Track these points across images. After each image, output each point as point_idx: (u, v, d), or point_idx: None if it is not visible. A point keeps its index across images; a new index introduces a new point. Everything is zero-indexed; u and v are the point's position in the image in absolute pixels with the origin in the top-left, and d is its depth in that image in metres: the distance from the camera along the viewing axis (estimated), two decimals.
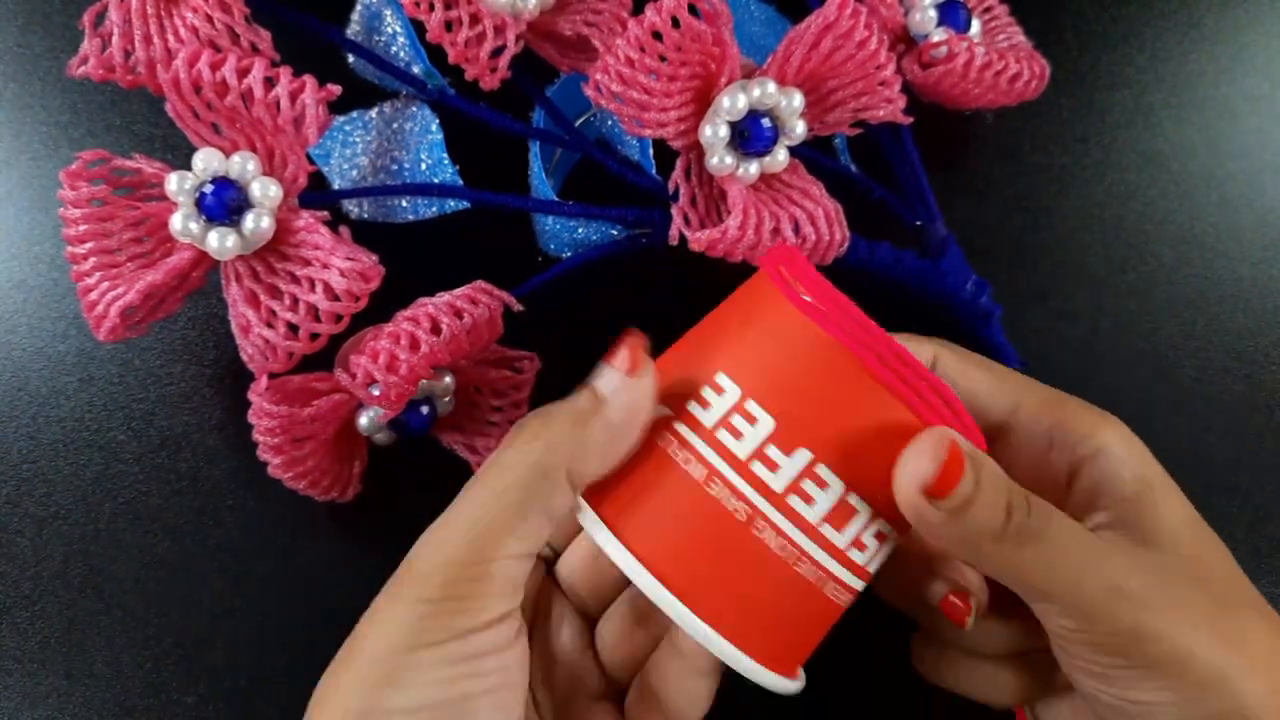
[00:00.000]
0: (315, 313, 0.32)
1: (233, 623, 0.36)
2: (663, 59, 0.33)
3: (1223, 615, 0.26)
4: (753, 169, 0.35)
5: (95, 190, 0.33)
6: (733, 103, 0.34)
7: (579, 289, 0.38)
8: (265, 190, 0.32)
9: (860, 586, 0.27)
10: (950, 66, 0.38)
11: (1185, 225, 0.43)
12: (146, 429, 0.38)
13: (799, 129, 0.35)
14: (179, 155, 0.33)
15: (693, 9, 0.32)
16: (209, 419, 0.38)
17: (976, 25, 0.40)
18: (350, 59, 0.40)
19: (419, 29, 0.36)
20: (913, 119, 0.37)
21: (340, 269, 0.32)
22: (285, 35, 0.35)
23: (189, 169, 0.32)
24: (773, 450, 0.25)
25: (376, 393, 0.32)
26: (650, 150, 0.39)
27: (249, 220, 0.32)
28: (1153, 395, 0.41)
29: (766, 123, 0.34)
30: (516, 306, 0.35)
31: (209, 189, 0.32)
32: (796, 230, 0.35)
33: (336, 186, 0.39)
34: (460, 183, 0.38)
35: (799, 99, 0.34)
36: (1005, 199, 0.43)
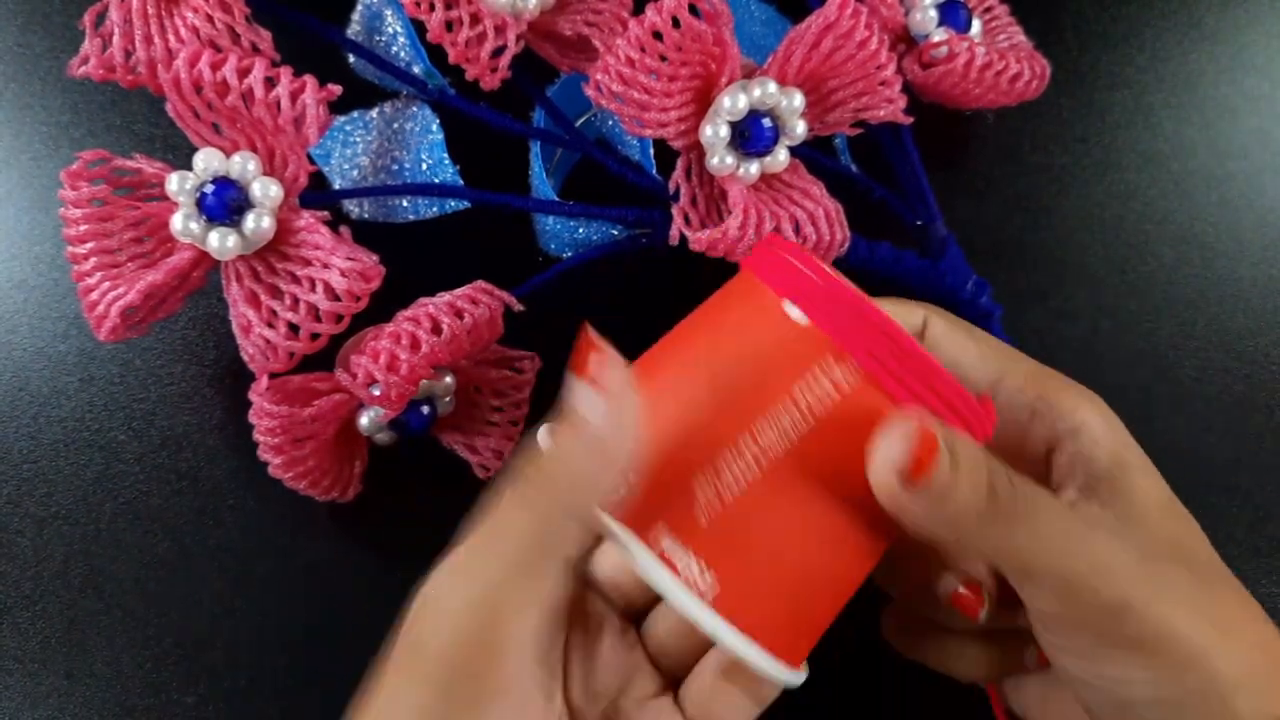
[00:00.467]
0: (316, 313, 0.32)
1: (233, 623, 0.36)
2: (663, 59, 0.33)
3: (1202, 593, 0.26)
4: (753, 169, 0.35)
5: (96, 190, 0.33)
6: (733, 103, 0.34)
7: (579, 289, 0.38)
8: (266, 190, 0.32)
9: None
10: (950, 66, 0.38)
11: (1185, 225, 0.43)
12: (147, 429, 0.38)
13: (799, 129, 0.35)
14: (179, 155, 0.33)
15: (693, 9, 0.32)
16: (209, 419, 0.38)
17: (977, 25, 0.40)
18: (351, 59, 0.40)
19: (419, 29, 0.36)
20: (913, 119, 0.37)
21: (341, 269, 0.32)
22: (286, 35, 0.35)
23: (189, 169, 0.32)
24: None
25: (377, 393, 0.32)
26: (650, 150, 0.39)
27: (250, 220, 0.32)
28: (1153, 395, 0.41)
29: (767, 123, 0.34)
30: (517, 306, 0.35)
31: (210, 189, 0.32)
32: (797, 230, 0.35)
33: (337, 186, 0.39)
34: (460, 183, 0.38)
35: (799, 99, 0.34)
36: (1005, 199, 0.43)
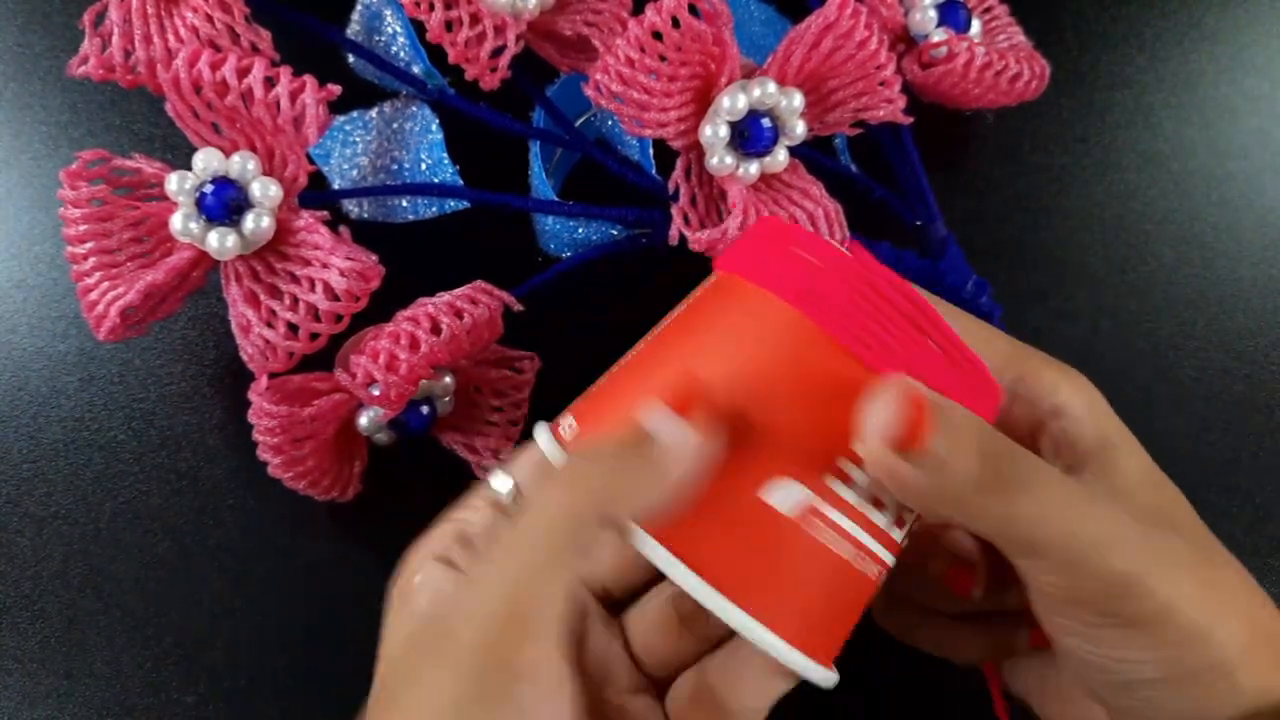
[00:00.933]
0: (315, 312, 0.32)
1: (233, 623, 0.36)
2: (663, 59, 0.33)
3: (1204, 566, 0.26)
4: (753, 169, 0.35)
5: (95, 190, 0.33)
6: (733, 103, 0.34)
7: (579, 289, 0.38)
8: (265, 190, 0.32)
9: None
10: (950, 66, 0.38)
11: (1185, 225, 0.43)
12: (146, 429, 0.38)
13: (799, 129, 0.35)
14: (179, 155, 0.33)
15: (693, 9, 0.32)
16: (209, 419, 0.38)
17: (976, 25, 0.40)
18: (350, 59, 0.40)
19: (419, 29, 0.36)
20: (913, 119, 0.37)
21: (340, 269, 0.32)
22: (285, 35, 0.35)
23: (189, 169, 0.32)
24: None
25: (376, 392, 0.32)
26: (650, 150, 0.39)
27: (249, 220, 0.32)
28: (1153, 395, 0.41)
29: (766, 123, 0.34)
30: (516, 306, 0.35)
31: (209, 189, 0.32)
32: None
33: (336, 186, 0.39)
34: (460, 183, 0.38)
35: (799, 99, 0.34)
36: (1005, 199, 0.43)
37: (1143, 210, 0.43)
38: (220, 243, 0.32)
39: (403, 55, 0.39)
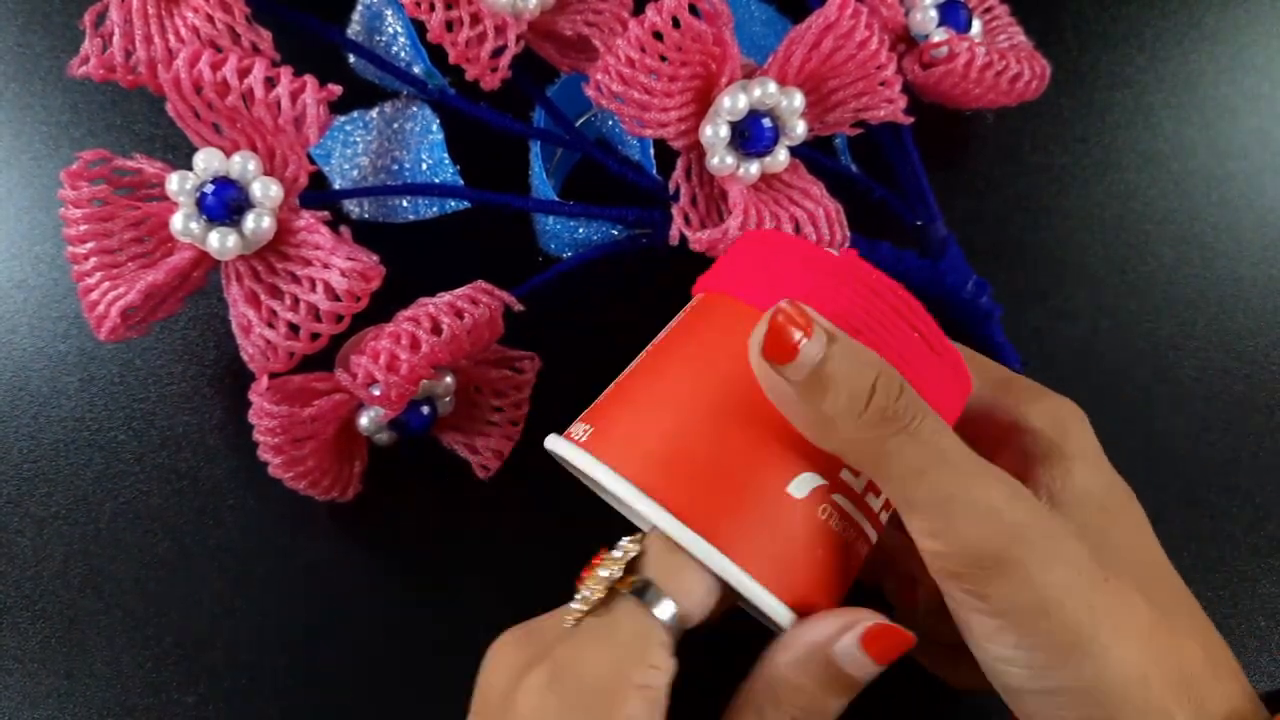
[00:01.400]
0: (316, 313, 0.32)
1: (233, 623, 0.36)
2: (663, 59, 0.33)
3: (1104, 582, 0.24)
4: (753, 169, 0.35)
5: (96, 190, 0.33)
6: (733, 103, 0.34)
7: (579, 289, 0.38)
8: (266, 190, 0.32)
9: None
10: (951, 66, 0.38)
11: (1185, 225, 0.43)
12: (147, 429, 0.38)
13: (799, 129, 0.35)
14: (179, 155, 0.33)
15: (693, 9, 0.32)
16: (209, 419, 0.38)
17: (977, 25, 0.40)
18: (351, 59, 0.40)
19: (419, 29, 0.36)
20: (913, 119, 0.37)
21: (341, 269, 0.32)
22: (286, 35, 0.35)
23: (190, 169, 0.32)
24: None
25: (377, 393, 0.32)
26: (650, 150, 0.39)
27: (250, 220, 0.32)
28: (1153, 395, 0.41)
29: (767, 123, 0.34)
30: (517, 306, 0.35)
31: (210, 189, 0.32)
32: (797, 230, 0.35)
33: (337, 186, 0.39)
34: (460, 183, 0.38)
35: (799, 99, 0.35)
36: (1005, 199, 0.43)
37: (1143, 210, 0.43)
38: (221, 243, 0.32)
39: (403, 55, 0.39)
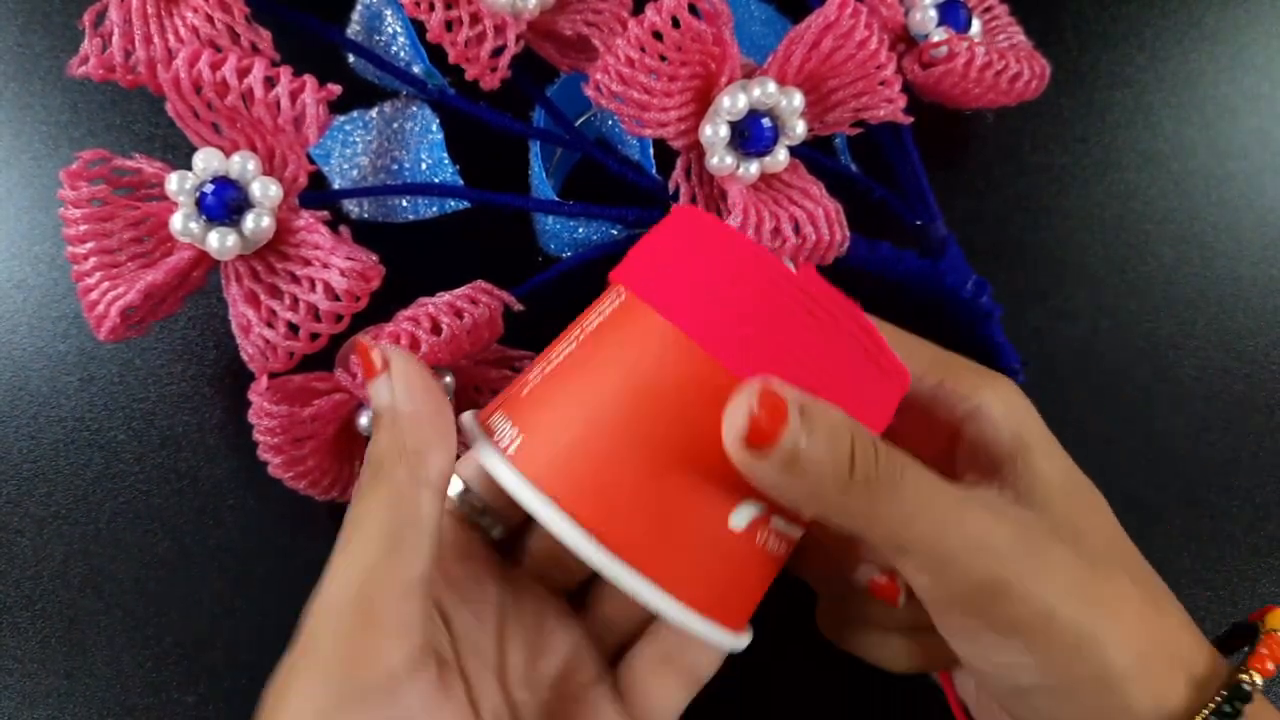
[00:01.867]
0: (315, 312, 0.32)
1: (233, 623, 0.36)
2: (663, 59, 0.33)
3: (1092, 577, 0.26)
4: (753, 169, 0.35)
5: (95, 190, 0.33)
6: (733, 102, 0.34)
7: (579, 289, 0.38)
8: (265, 190, 0.32)
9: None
10: (950, 66, 0.38)
11: (1185, 225, 0.43)
12: (147, 429, 0.38)
13: (799, 129, 0.35)
14: (179, 155, 0.33)
15: (693, 9, 0.32)
16: (209, 419, 0.38)
17: (977, 25, 0.40)
18: (350, 59, 0.40)
19: (419, 29, 0.36)
20: (913, 119, 0.37)
21: (340, 269, 0.32)
22: (285, 35, 0.35)
23: (189, 169, 0.32)
24: None
25: None
26: (650, 150, 0.39)
27: (249, 220, 0.32)
28: (1153, 395, 0.41)
29: (767, 122, 0.34)
30: (517, 306, 0.35)
31: (209, 189, 0.32)
32: (797, 230, 0.35)
33: (336, 186, 0.39)
34: (460, 182, 0.38)
35: (799, 99, 0.34)
36: (1005, 199, 0.43)
37: (1143, 210, 0.43)
38: (220, 243, 0.32)
39: (403, 55, 0.39)
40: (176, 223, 0.32)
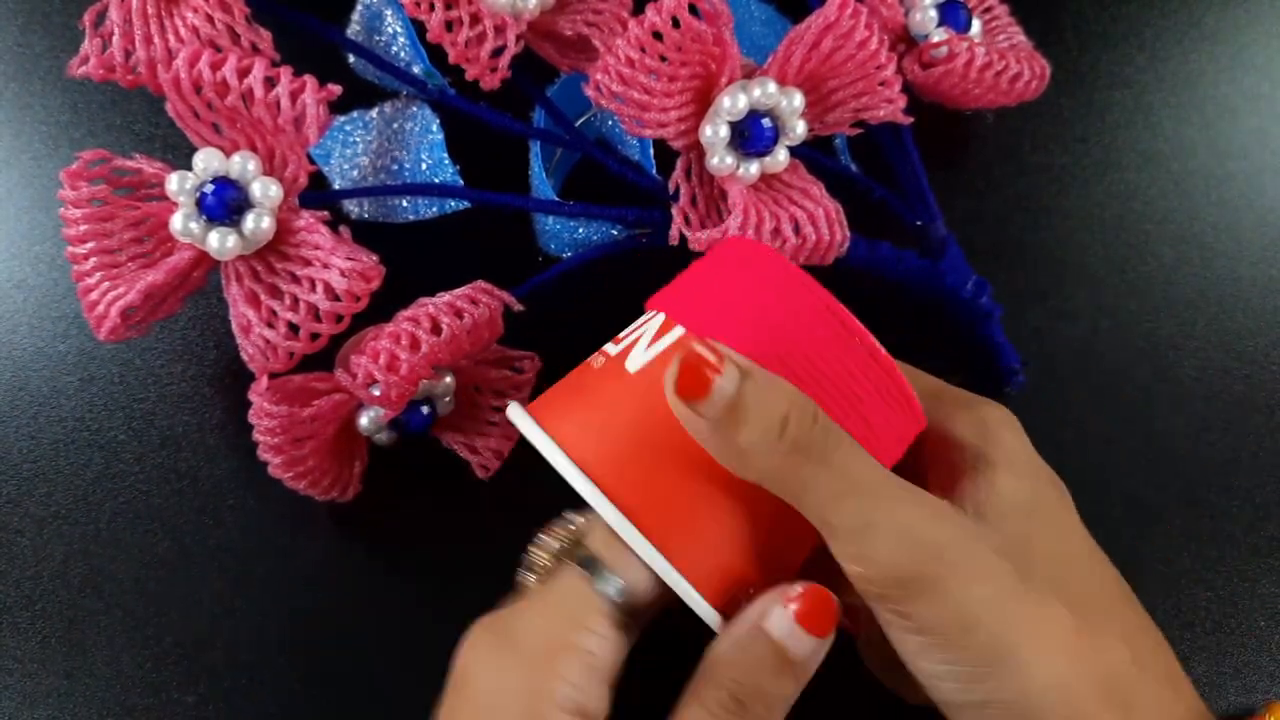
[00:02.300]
0: (316, 312, 0.32)
1: (233, 623, 0.36)
2: (663, 59, 0.33)
3: (1025, 596, 0.25)
4: (753, 169, 0.35)
5: (96, 190, 0.33)
6: (733, 103, 0.34)
7: (579, 289, 0.38)
8: (266, 190, 0.32)
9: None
10: (950, 66, 0.38)
11: (1185, 225, 0.43)
12: (147, 429, 0.38)
13: (799, 129, 0.35)
14: (179, 155, 0.33)
15: (693, 9, 0.32)
16: (209, 419, 0.38)
17: (977, 25, 0.40)
18: (350, 59, 0.40)
19: (419, 29, 0.36)
20: (913, 119, 0.37)
21: (340, 269, 0.32)
22: (286, 35, 0.35)
23: (189, 169, 0.32)
24: None
25: (377, 393, 0.32)
26: (650, 150, 0.39)
27: (249, 220, 0.32)
28: (1152, 395, 0.41)
29: (767, 123, 0.34)
30: (517, 306, 0.35)
31: (209, 189, 0.32)
32: (796, 230, 0.35)
33: (337, 186, 0.39)
34: (460, 183, 0.38)
35: (799, 99, 0.34)
36: (1005, 199, 0.43)
37: (1143, 210, 0.43)
38: (221, 243, 0.32)
39: (403, 55, 0.39)
40: (177, 223, 0.32)
